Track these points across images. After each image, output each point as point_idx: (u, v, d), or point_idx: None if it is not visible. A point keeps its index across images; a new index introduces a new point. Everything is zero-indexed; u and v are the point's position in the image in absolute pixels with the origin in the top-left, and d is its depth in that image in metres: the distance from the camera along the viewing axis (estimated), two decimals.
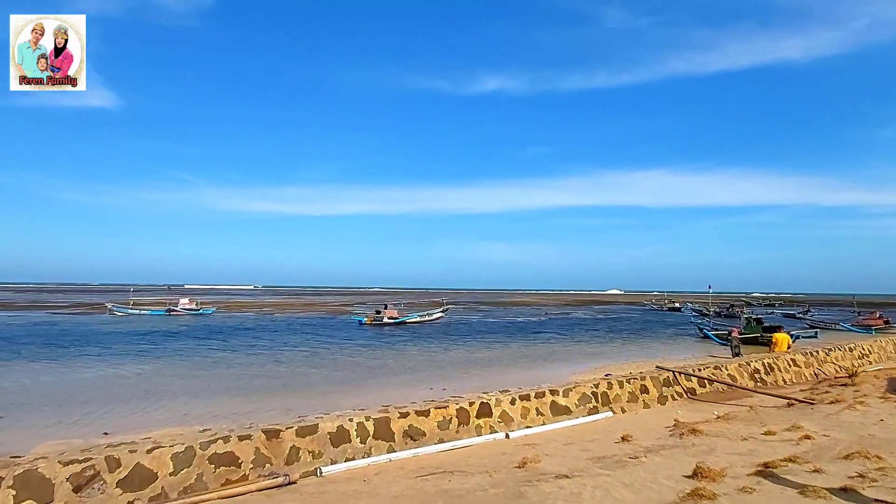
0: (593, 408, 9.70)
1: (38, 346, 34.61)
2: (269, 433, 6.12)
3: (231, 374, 25.51)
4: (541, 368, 28.89)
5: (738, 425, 8.41)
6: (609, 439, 7.87)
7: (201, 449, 5.64)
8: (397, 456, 6.85)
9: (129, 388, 21.21)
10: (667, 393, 11.34)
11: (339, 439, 6.60)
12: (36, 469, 4.78)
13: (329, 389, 21.94)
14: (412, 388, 22.45)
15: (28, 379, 22.85)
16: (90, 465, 5.06)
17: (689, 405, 11.11)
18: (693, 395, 12.00)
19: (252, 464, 5.85)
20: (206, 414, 16.92)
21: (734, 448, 7.07)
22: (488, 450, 7.43)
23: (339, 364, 29.21)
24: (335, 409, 18.35)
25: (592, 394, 9.86)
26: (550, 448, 7.37)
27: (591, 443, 7.64)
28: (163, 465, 5.40)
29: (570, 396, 9.50)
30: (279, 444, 6.12)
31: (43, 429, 14.80)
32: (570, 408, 9.37)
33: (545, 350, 37.49)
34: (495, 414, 8.31)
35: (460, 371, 27.73)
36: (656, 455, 6.76)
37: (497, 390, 9.04)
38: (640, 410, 10.39)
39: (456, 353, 35.22)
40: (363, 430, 6.85)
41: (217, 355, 31.65)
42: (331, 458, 6.37)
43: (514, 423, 8.47)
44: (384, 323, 55.55)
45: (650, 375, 11.37)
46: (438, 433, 7.54)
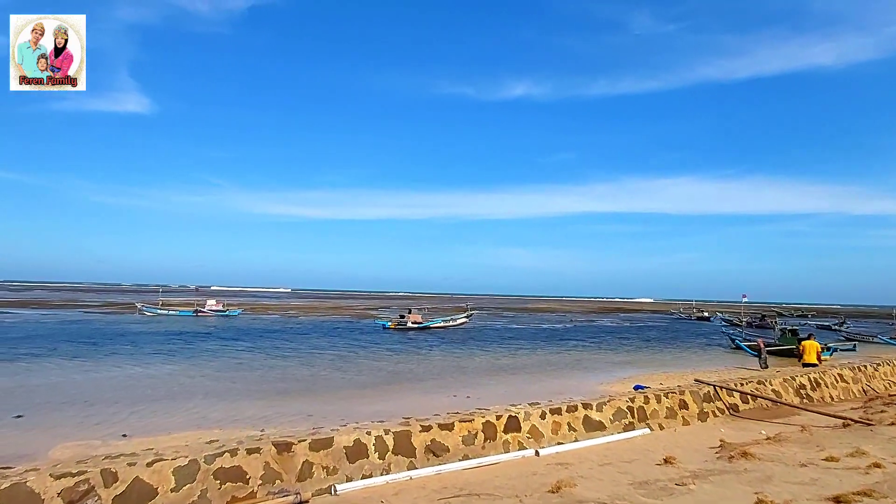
0: (629, 423, 9.02)
1: (69, 344, 35.08)
2: (280, 446, 5.63)
3: (253, 376, 25.33)
4: (567, 377, 28.07)
5: (792, 448, 7.66)
6: (649, 460, 7.21)
7: (206, 463, 5.18)
8: (418, 473, 6.31)
9: (153, 389, 21.13)
10: (707, 409, 10.58)
11: (356, 454, 6.08)
12: (24, 482, 4.37)
13: (351, 394, 21.54)
14: (435, 395, 21.92)
15: (56, 377, 23.00)
16: (84, 478, 4.64)
17: (732, 423, 10.33)
18: (735, 411, 11.20)
19: (261, 480, 5.36)
20: (227, 417, 16.65)
21: (794, 476, 6.35)
22: (517, 469, 6.84)
23: (362, 368, 28.85)
24: (356, 416, 17.94)
25: (628, 408, 9.18)
26: (585, 469, 6.75)
27: (629, 464, 7.00)
28: (164, 480, 4.95)
29: (605, 411, 8.84)
30: (291, 459, 5.63)
31: (64, 429, 14.69)
32: (605, 423, 8.71)
33: (571, 358, 36.59)
34: (524, 429, 7.71)
35: (485, 378, 27.10)
36: (705, 482, 6.10)
37: (526, 403, 8.43)
38: (680, 427, 9.66)
39: (480, 359, 34.59)
40: (382, 445, 6.32)
41: (241, 357, 31.59)
42: (346, 474, 5.85)
43: (545, 440, 7.85)
44: (408, 327, 55.16)
45: (689, 389, 10.63)
46: (463, 449, 6.97)
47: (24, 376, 23.07)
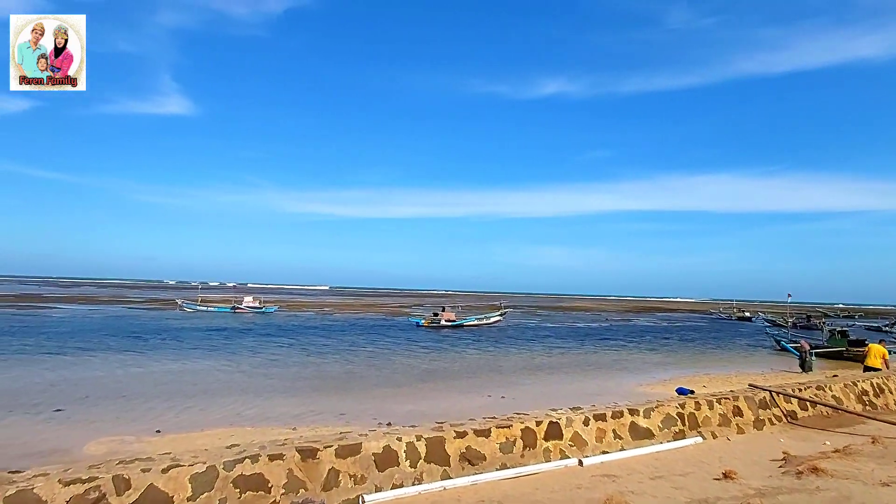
0: (679, 431, 8.35)
1: (113, 339, 35.94)
2: (305, 453, 5.24)
3: (288, 373, 25.36)
4: (605, 378, 27.23)
5: (868, 464, 6.90)
6: (705, 473, 6.57)
7: (225, 470, 4.82)
8: (453, 484, 5.83)
9: (190, 385, 21.30)
10: (763, 416, 9.80)
11: (386, 462, 5.65)
12: (31, 489, 4.09)
13: (384, 393, 21.28)
14: (470, 395, 21.47)
15: (98, 371, 23.41)
16: (95, 485, 4.34)
17: (792, 432, 9.53)
18: (794, 419, 10.38)
19: (283, 489, 4.98)
20: (259, 415, 16.56)
21: (878, 498, 5.64)
22: (559, 480, 6.30)
23: (396, 366, 28.62)
24: (389, 415, 17.67)
25: (678, 415, 8.51)
26: (634, 483, 6.17)
27: (683, 477, 6.38)
28: (180, 488, 4.61)
29: (653, 417, 8.20)
30: (316, 466, 5.23)
31: (101, 423, 14.80)
32: (653, 431, 8.07)
33: (608, 358, 35.61)
34: (566, 436, 7.16)
35: (520, 377, 26.51)
36: (773, 501, 5.45)
37: (567, 407, 7.87)
38: (734, 436, 8.93)
39: (515, 358, 33.98)
40: (414, 452, 5.87)
41: (276, 353, 31.77)
42: (375, 484, 5.42)
43: (588, 448, 7.28)
44: (441, 325, 54.88)
45: (744, 395, 9.86)
46: (500, 457, 6.47)
47: (68, 370, 23.57)
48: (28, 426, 14.22)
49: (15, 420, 14.83)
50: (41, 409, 16.25)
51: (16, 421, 14.75)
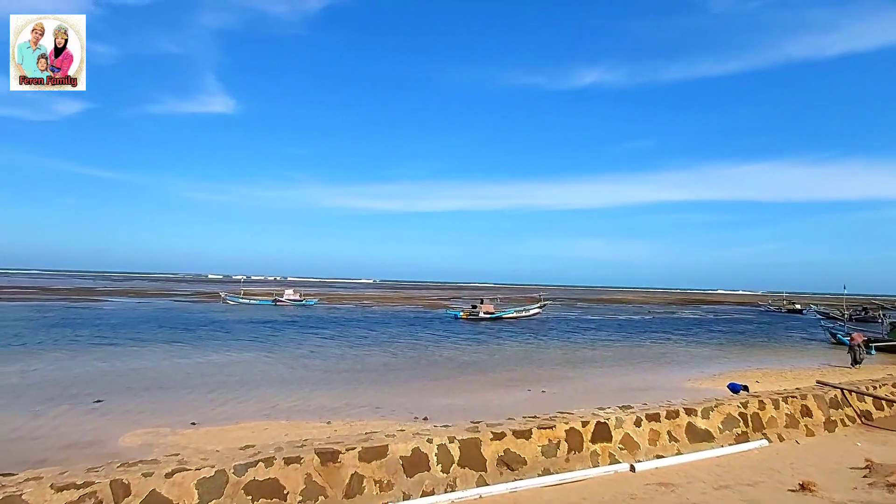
0: (742, 433, 7.53)
1: (157, 331, 36.76)
2: (325, 455, 4.72)
3: (325, 365, 25.23)
4: (651, 371, 26.12)
5: None
6: (778, 483, 5.78)
7: (236, 474, 4.36)
8: (489, 491, 5.24)
9: (229, 376, 21.35)
10: (835, 416, 8.84)
11: (415, 466, 5.09)
12: (20, 495, 3.71)
13: (421, 386, 20.84)
14: (509, 389, 20.83)
15: (140, 362, 23.78)
16: (90, 491, 3.92)
17: (869, 435, 8.57)
18: (868, 419, 9.38)
19: (301, 496, 4.48)
20: (295, 408, 16.34)
21: None
22: (609, 488, 5.64)
23: (433, 359, 28.19)
24: (426, 410, 17.19)
25: (740, 415, 7.68)
26: (696, 493, 5.44)
27: (752, 487, 5.62)
28: (185, 494, 4.17)
29: (712, 418, 7.41)
30: (337, 471, 4.71)
31: (137, 415, 14.82)
32: (713, 433, 7.29)
33: (653, 351, 34.31)
34: (616, 438, 6.46)
35: (561, 371, 25.69)
36: None
37: (615, 406, 7.16)
38: (804, 439, 8.05)
39: (555, 351, 33.09)
40: (446, 455, 5.30)
41: (315, 345, 31.80)
42: (403, 490, 4.87)
43: (641, 452, 6.56)
44: (480, 318, 54.24)
45: (812, 393, 8.92)
46: (543, 461, 5.84)
47: (113, 361, 24.01)
48: (69, 417, 14.33)
49: (57, 410, 14.98)
50: (83, 399, 16.41)
51: (58, 411, 14.90)
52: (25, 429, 13.01)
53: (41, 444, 11.83)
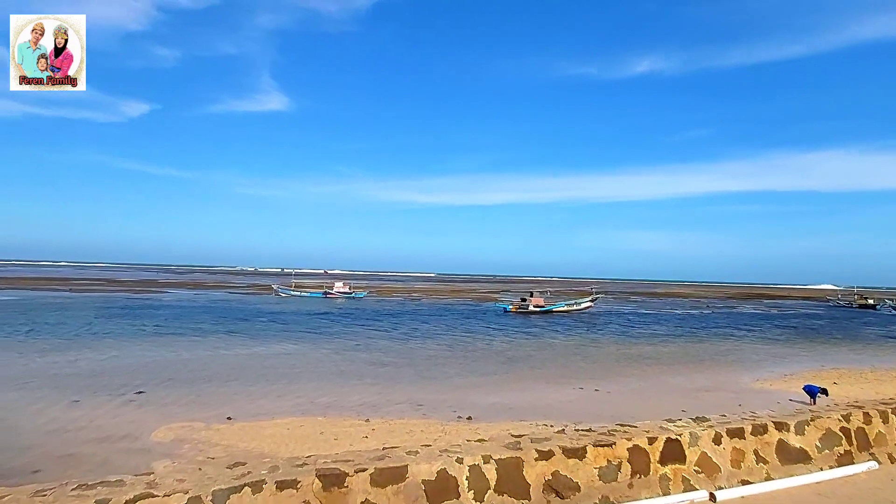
0: (845, 453, 6.22)
1: (208, 322, 37.30)
2: (328, 478, 3.82)
3: (368, 358, 24.69)
4: (714, 370, 24.30)
5: None
6: None
7: (214, 502, 3.51)
8: None
9: (271, 369, 21.06)
10: None
11: (441, 493, 4.13)
12: None
13: (467, 382, 19.93)
14: (559, 387, 19.65)
15: (187, 353, 23.82)
16: None
17: None
18: None
19: None
20: (334, 403, 15.71)
21: None
22: None
23: (480, 354, 27.23)
24: (470, 408, 16.23)
25: (842, 430, 6.36)
26: None
27: None
28: None
29: (807, 433, 6.13)
30: (342, 497, 3.81)
31: (176, 407, 14.54)
32: (809, 453, 6.01)
33: (715, 348, 32.18)
34: (690, 459, 5.31)
35: (615, 368, 24.26)
36: None
37: (688, 418, 5.98)
38: None
39: (608, 346, 31.52)
40: (480, 479, 4.31)
41: (360, 338, 31.40)
42: None
43: (722, 476, 5.38)
44: (529, 311, 52.88)
45: None
46: (600, 488, 4.77)
47: (160, 351, 24.23)
48: (107, 408, 14.16)
49: (98, 400, 14.88)
50: (125, 390, 16.32)
51: (99, 402, 14.79)
52: (63, 420, 12.86)
53: (75, 436, 11.58)
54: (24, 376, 17.83)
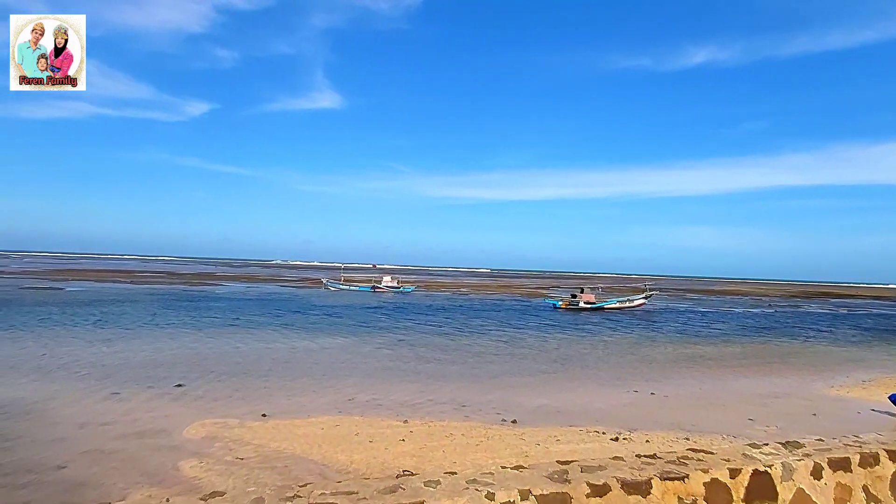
0: None
1: (256, 314, 37.68)
2: None
3: (413, 354, 24.09)
4: (782, 374, 22.45)
5: None
6: None
7: None
8: None
9: (313, 364, 20.75)
10: None
11: None
12: None
13: (513, 382, 18.99)
14: (612, 389, 18.45)
15: (230, 346, 23.70)
16: None
17: None
18: None
19: None
20: (372, 401, 15.09)
21: None
22: None
23: (528, 351, 26.19)
24: (515, 410, 15.22)
25: None
26: None
27: None
28: None
29: None
30: None
31: (212, 402, 14.25)
32: None
33: (781, 349, 29.97)
34: (783, 497, 4.23)
35: (672, 369, 22.77)
36: None
37: (777, 442, 4.88)
38: None
39: (665, 346, 29.84)
40: None
41: (405, 334, 30.90)
42: None
43: None
44: (580, 307, 51.25)
45: None
46: None
47: (206, 343, 24.37)
48: (144, 401, 14.02)
49: (135, 393, 14.80)
50: (164, 383, 16.24)
51: (137, 394, 14.71)
52: (97, 412, 12.74)
53: (108, 430, 11.37)
54: (71, 366, 18.10)
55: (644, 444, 11.66)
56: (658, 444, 11.72)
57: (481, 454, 10.57)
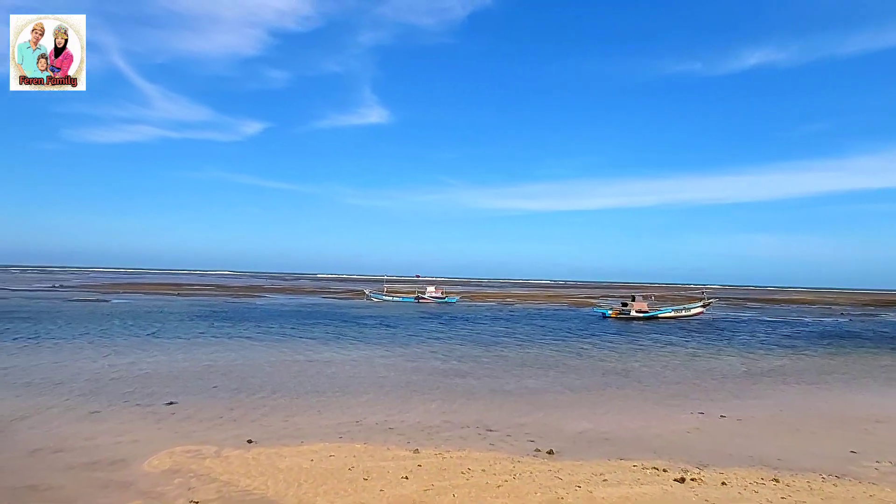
0: None
1: (285, 326, 36.13)
2: None
3: (442, 367, 21.71)
4: (874, 391, 18.99)
5: None
6: None
7: None
8: None
9: (326, 377, 18.73)
10: None
11: None
12: None
13: (555, 401, 16.34)
14: (671, 410, 15.49)
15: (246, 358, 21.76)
16: None
17: None
18: None
19: None
20: (381, 424, 12.83)
21: None
22: None
23: (572, 365, 23.35)
24: (556, 436, 12.40)
25: None
26: None
27: None
28: None
29: None
30: None
31: (196, 423, 12.32)
32: None
33: (868, 362, 25.93)
34: None
35: (741, 387, 19.49)
36: None
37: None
38: None
39: (729, 358, 26.36)
40: None
41: (437, 345, 28.53)
42: None
43: None
44: (631, 317, 47.66)
45: None
46: None
47: (223, 354, 22.72)
48: (120, 422, 12.20)
49: (116, 412, 13.08)
50: (155, 399, 14.51)
51: (116, 413, 12.99)
52: (61, 436, 10.96)
53: (56, 460, 9.50)
54: (65, 380, 16.64)
55: (720, 486, 8.90)
56: (738, 486, 8.94)
57: (502, 501, 8.09)
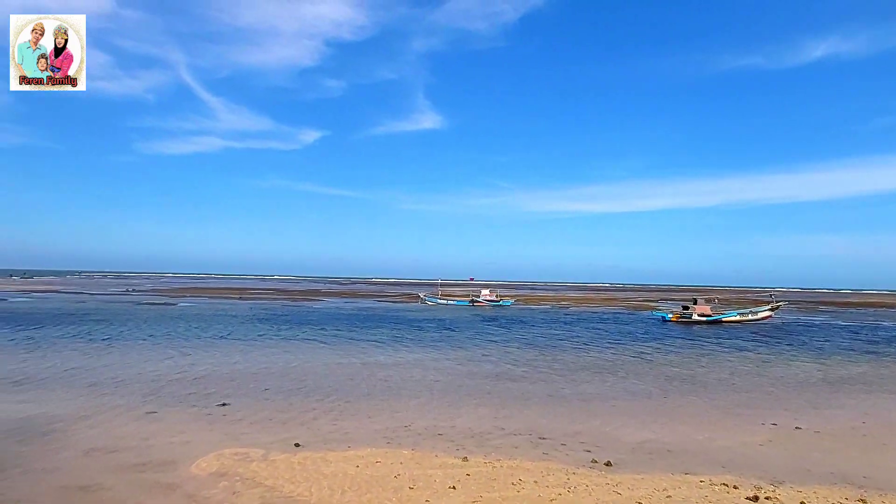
0: None
1: (340, 329, 36.52)
2: None
3: (495, 372, 21.22)
4: None
5: None
6: None
7: None
8: None
9: (380, 381, 18.57)
10: None
11: None
12: None
13: (610, 408, 15.55)
14: (740, 420, 14.41)
15: (300, 360, 21.96)
16: None
17: None
18: None
19: None
20: (430, 429, 12.50)
21: None
22: None
23: (630, 370, 22.32)
24: (613, 448, 11.49)
25: None
26: None
27: None
28: None
29: None
30: None
31: (247, 425, 12.38)
32: None
33: None
34: None
35: (820, 395, 18.03)
36: None
37: None
38: None
39: (803, 364, 24.58)
40: None
41: (490, 348, 28.04)
42: None
43: None
44: (693, 321, 45.54)
45: None
46: None
47: (279, 357, 23.03)
48: (175, 423, 12.40)
49: (172, 413, 13.33)
50: (210, 401, 14.74)
51: (172, 414, 13.23)
52: (117, 435, 11.20)
53: (109, 460, 9.66)
54: (127, 381, 17.18)
55: None
56: None
57: None
